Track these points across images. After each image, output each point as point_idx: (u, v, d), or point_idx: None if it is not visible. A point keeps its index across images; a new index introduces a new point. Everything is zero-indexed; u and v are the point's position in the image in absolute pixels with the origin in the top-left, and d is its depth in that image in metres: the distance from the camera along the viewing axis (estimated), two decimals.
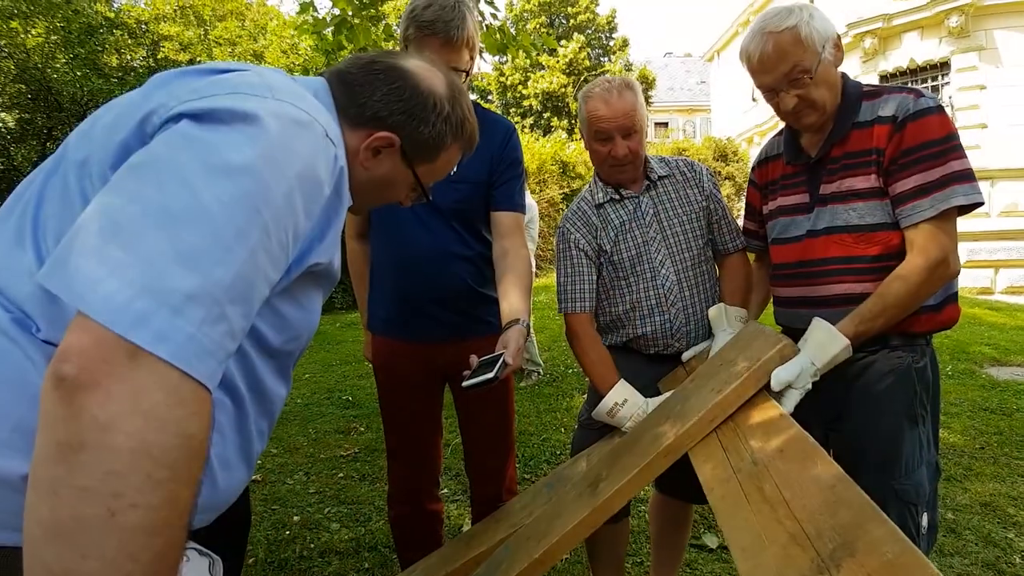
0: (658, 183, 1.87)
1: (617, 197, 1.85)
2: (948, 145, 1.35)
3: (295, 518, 2.91)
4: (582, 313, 1.83)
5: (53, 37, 9.85)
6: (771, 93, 1.50)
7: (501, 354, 1.46)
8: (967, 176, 1.34)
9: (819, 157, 1.52)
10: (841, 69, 1.52)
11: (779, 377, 1.30)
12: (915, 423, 1.44)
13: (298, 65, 9.81)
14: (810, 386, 1.33)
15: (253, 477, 3.37)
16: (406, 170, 1.01)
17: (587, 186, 1.95)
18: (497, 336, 1.60)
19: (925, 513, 1.44)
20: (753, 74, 1.51)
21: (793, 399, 1.31)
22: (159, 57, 11.66)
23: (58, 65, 9.90)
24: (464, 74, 1.65)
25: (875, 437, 1.44)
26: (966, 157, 1.36)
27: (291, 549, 2.63)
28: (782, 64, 1.43)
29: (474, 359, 1.48)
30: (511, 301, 1.64)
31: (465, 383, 1.42)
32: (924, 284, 1.35)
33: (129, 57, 11.67)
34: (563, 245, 1.89)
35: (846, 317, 1.40)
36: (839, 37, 1.46)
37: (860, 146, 1.44)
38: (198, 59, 11.81)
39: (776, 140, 1.71)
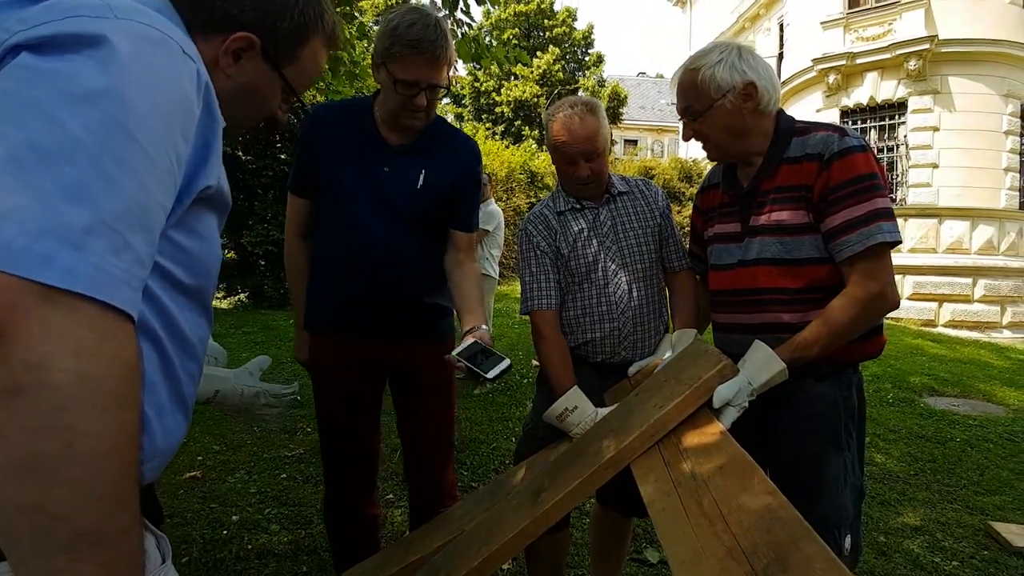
0: (618, 198, 1.92)
1: (578, 207, 1.90)
2: (872, 183, 1.40)
3: (234, 517, 2.83)
4: (548, 310, 1.85)
5: None
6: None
7: (505, 359, 1.53)
8: (890, 214, 1.40)
9: (749, 189, 1.57)
10: (803, 102, 1.58)
11: (720, 394, 1.33)
12: (840, 449, 1.49)
13: None
14: (747, 404, 1.36)
15: (192, 474, 3.28)
16: (272, 73, 0.95)
17: (551, 193, 1.99)
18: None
19: (848, 535, 1.48)
20: None
21: (731, 416, 1.34)
22: None
23: None
24: (442, 89, 1.66)
25: (801, 461, 1.49)
26: (887, 196, 1.42)
27: (227, 549, 2.55)
28: (680, 100, 1.59)
29: (471, 340, 1.55)
30: (472, 308, 1.70)
31: (456, 353, 1.49)
32: (861, 316, 1.40)
33: None
34: (527, 246, 1.92)
35: (785, 342, 1.43)
36: (753, 86, 1.49)
37: (789, 181, 1.49)
38: None
39: (717, 169, 1.76)
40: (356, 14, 5.24)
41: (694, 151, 19.68)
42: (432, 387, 1.87)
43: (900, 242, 1.41)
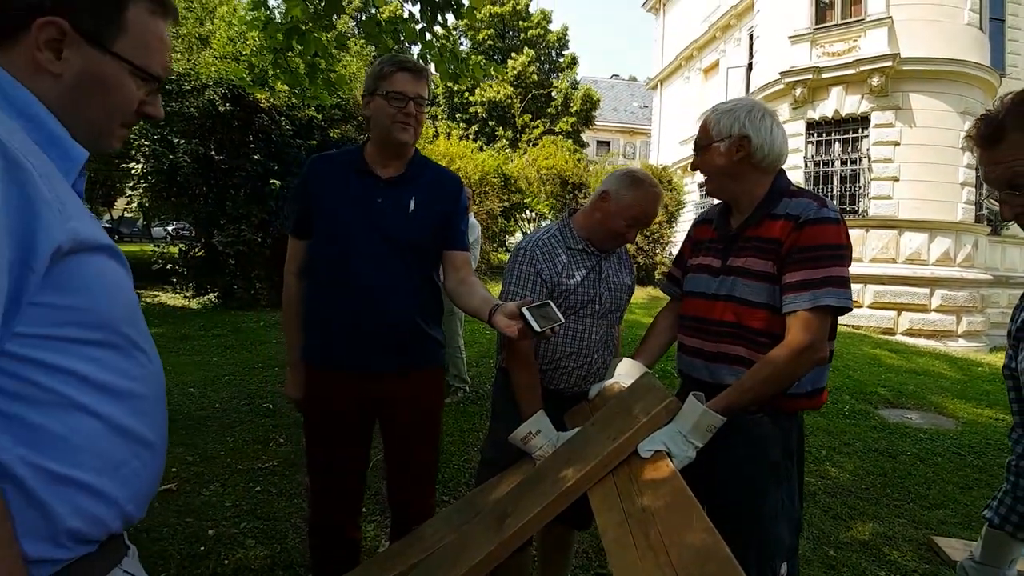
0: (612, 252, 2.12)
1: (591, 250, 2.05)
2: (836, 253, 1.56)
3: (210, 532, 2.87)
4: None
5: None
6: None
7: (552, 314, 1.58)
8: (844, 283, 1.54)
9: (735, 233, 1.73)
10: (777, 111, 1.82)
11: (642, 447, 1.47)
12: (778, 484, 1.63)
13: (245, 56, 9.43)
14: (692, 454, 1.48)
15: (167, 486, 3.30)
16: (104, 55, 0.84)
17: (556, 227, 2.10)
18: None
19: (784, 563, 1.63)
20: None
21: (678, 464, 1.46)
22: None
23: None
24: (425, 101, 1.86)
25: (741, 494, 1.63)
26: (847, 267, 1.57)
27: (204, 565, 2.59)
28: (696, 136, 1.79)
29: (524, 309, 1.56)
30: (488, 298, 1.80)
31: (525, 308, 1.54)
32: (792, 365, 1.53)
33: None
34: (527, 268, 1.99)
35: (723, 392, 1.56)
36: (748, 140, 1.67)
37: (768, 234, 1.64)
38: None
39: (715, 208, 1.93)
40: (333, 24, 5.30)
41: (664, 158, 20.02)
42: (423, 416, 1.97)
43: (850, 309, 1.55)
